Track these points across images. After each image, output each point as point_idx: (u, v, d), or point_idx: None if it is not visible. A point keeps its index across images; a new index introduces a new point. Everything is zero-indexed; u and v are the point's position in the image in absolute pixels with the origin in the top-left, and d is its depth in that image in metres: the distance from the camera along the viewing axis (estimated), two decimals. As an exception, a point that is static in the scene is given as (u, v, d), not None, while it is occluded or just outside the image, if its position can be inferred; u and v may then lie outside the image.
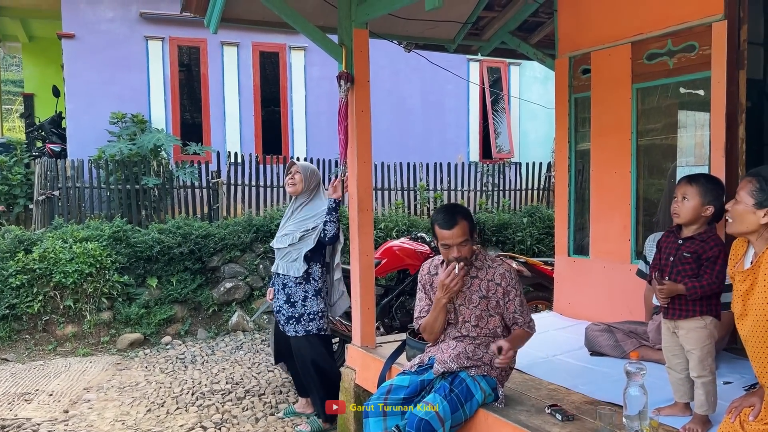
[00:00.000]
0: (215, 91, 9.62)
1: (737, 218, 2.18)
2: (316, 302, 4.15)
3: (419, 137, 10.62)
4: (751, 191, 2.14)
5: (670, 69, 4.08)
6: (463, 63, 10.70)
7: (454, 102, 11.09)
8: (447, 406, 2.74)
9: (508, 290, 2.93)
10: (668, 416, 2.69)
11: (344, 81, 3.76)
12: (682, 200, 2.66)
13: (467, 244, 2.85)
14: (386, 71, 10.05)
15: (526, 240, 8.54)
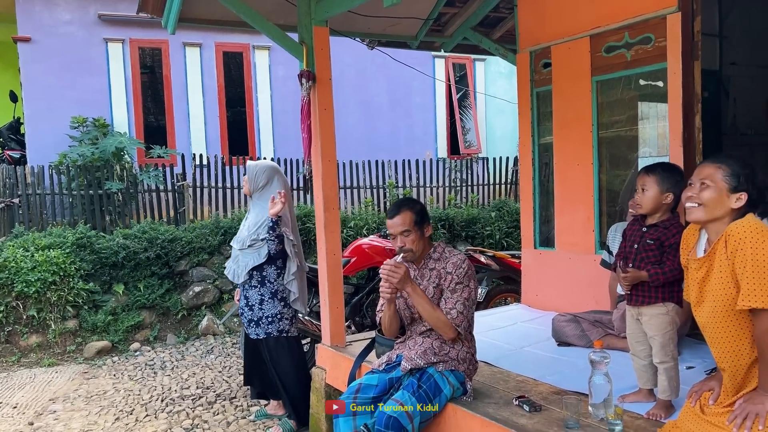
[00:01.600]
0: (179, 92, 9.48)
1: (710, 203, 2.14)
2: (272, 305, 4.05)
3: (387, 135, 10.63)
4: (724, 177, 2.13)
5: (628, 61, 4.15)
6: (428, 60, 10.73)
7: (421, 99, 11.11)
8: (415, 402, 2.74)
9: (453, 278, 2.86)
10: (633, 403, 2.73)
11: (306, 79, 3.73)
12: (642, 191, 2.71)
13: (410, 235, 2.86)
14: (352, 70, 10.03)
15: (494, 234, 8.60)
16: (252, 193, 4.16)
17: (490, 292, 5.70)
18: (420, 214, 2.91)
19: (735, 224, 2.05)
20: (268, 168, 4.14)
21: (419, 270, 2.97)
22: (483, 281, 5.73)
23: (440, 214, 8.58)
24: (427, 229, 2.93)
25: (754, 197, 2.11)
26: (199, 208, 8.12)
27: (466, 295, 2.86)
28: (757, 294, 1.95)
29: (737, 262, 2.00)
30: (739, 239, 2.00)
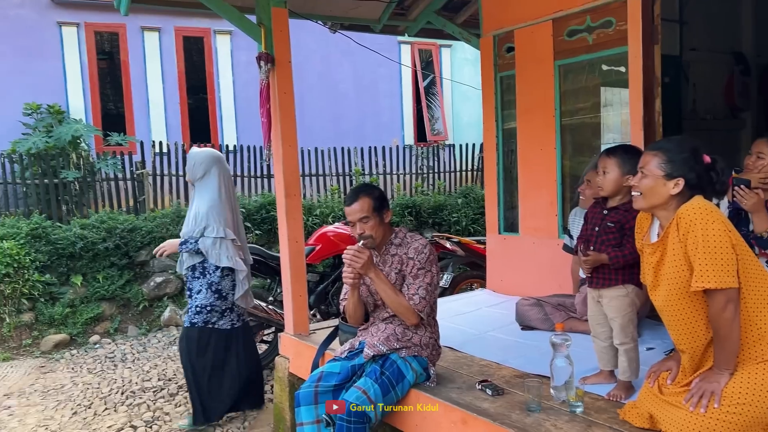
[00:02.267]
0: (137, 78, 9.23)
1: (648, 192, 2.17)
2: (205, 296, 3.91)
3: (353, 121, 10.54)
4: (659, 164, 2.14)
5: (589, 45, 4.15)
6: (394, 46, 10.66)
7: (387, 85, 11.05)
8: (378, 388, 2.71)
9: (415, 263, 2.82)
10: (594, 384, 2.74)
11: (264, 62, 3.64)
12: (603, 174, 2.71)
13: (369, 221, 2.81)
14: (316, 55, 9.91)
15: (461, 220, 8.62)
16: (193, 182, 4.04)
17: (455, 278, 5.70)
18: (379, 199, 2.86)
19: (684, 207, 2.05)
20: (206, 158, 3.98)
21: (381, 256, 2.93)
22: (449, 267, 5.73)
23: (407, 201, 8.55)
24: (386, 214, 2.89)
25: (694, 182, 2.10)
26: (159, 196, 7.93)
27: (429, 280, 2.82)
28: (710, 274, 1.96)
29: (689, 244, 2.01)
30: (690, 221, 2.00)
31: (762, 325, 2.02)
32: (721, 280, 1.95)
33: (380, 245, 2.92)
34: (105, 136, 8.51)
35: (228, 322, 4.04)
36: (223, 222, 3.89)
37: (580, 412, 2.45)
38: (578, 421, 2.39)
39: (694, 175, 2.10)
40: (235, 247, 3.96)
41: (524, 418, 2.44)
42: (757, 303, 2.03)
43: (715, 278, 1.95)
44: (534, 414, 2.47)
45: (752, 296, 2.03)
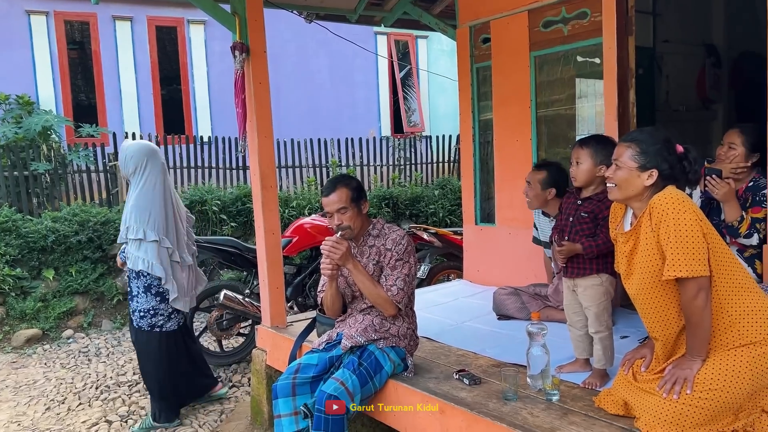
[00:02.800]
0: (109, 68, 9.06)
1: (623, 184, 2.19)
2: (145, 299, 3.76)
3: (330, 113, 10.49)
4: (633, 156, 2.16)
5: (565, 36, 4.17)
6: (370, 36, 10.62)
7: (364, 76, 11.00)
8: (356, 380, 2.70)
9: (393, 254, 2.83)
10: (570, 373, 2.78)
11: (239, 52, 3.59)
12: (576, 165, 2.73)
13: (347, 212, 2.81)
14: (292, 45, 9.82)
15: (438, 212, 8.64)
16: (126, 178, 3.85)
17: (433, 269, 5.72)
18: (356, 190, 2.85)
19: (657, 197, 2.08)
20: (137, 153, 3.75)
21: (358, 247, 2.92)
22: (426, 258, 5.74)
23: (384, 192, 8.54)
24: (363, 205, 2.88)
25: (667, 172, 2.13)
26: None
27: (407, 271, 2.83)
28: (681, 263, 1.98)
29: (661, 234, 2.04)
30: (662, 211, 2.03)
31: (733, 312, 2.06)
32: (692, 268, 1.97)
33: (358, 236, 2.91)
34: (76, 128, 8.34)
35: (175, 323, 3.92)
36: (146, 222, 3.67)
37: (556, 400, 2.48)
38: (554, 409, 2.41)
39: (668, 166, 2.12)
40: (160, 250, 3.71)
41: (501, 407, 2.46)
42: (728, 290, 2.07)
43: (687, 267, 1.97)
44: (511, 403, 2.49)
45: (723, 284, 2.07)
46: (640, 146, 2.16)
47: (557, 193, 3.50)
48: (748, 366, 2.02)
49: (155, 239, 3.68)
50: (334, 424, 2.61)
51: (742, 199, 3.15)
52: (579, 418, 2.33)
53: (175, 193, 3.94)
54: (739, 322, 2.05)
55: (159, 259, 3.70)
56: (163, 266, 3.71)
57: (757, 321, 2.04)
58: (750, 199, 3.12)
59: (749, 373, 2.02)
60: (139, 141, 3.98)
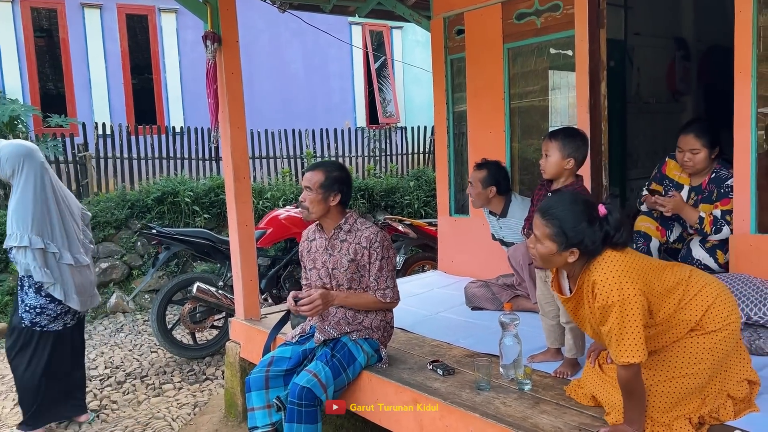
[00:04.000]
0: (78, 57, 8.87)
1: (544, 260, 2.14)
2: (35, 297, 3.56)
3: (304, 103, 10.42)
4: (551, 236, 2.07)
5: (538, 28, 4.20)
6: (345, 27, 10.55)
7: (338, 67, 10.94)
8: (329, 371, 2.71)
9: (371, 253, 2.84)
10: (542, 362, 2.81)
11: (211, 41, 3.54)
12: (545, 157, 2.76)
13: (311, 194, 2.82)
14: (265, 35, 9.72)
15: (413, 203, 8.66)
16: (5, 181, 3.63)
17: (407, 260, 5.74)
18: (332, 179, 2.83)
19: (602, 281, 2.00)
20: (12, 155, 3.50)
21: (330, 241, 2.91)
22: (401, 249, 5.76)
23: (360, 184, 8.52)
24: (332, 197, 2.85)
25: (589, 248, 2.05)
26: (103, 180, 7.68)
27: (390, 267, 2.87)
28: (624, 353, 1.96)
29: (605, 324, 2.01)
30: (606, 302, 1.98)
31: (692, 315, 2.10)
32: (633, 356, 1.96)
33: (328, 228, 2.91)
34: (45, 118, 8.16)
35: (60, 324, 3.69)
36: (29, 228, 3.46)
37: (528, 390, 2.51)
38: (526, 398, 2.45)
39: (590, 242, 2.04)
40: (47, 255, 3.52)
41: (474, 397, 2.49)
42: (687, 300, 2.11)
43: (628, 355, 1.96)
44: (484, 392, 2.52)
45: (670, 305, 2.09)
46: (558, 226, 2.06)
47: (498, 190, 3.61)
48: (709, 351, 2.08)
49: (41, 246, 3.48)
50: (307, 416, 2.62)
51: (707, 192, 3.21)
52: (550, 407, 2.36)
53: (62, 191, 3.72)
54: (701, 320, 2.10)
55: (45, 265, 3.51)
56: (50, 271, 3.52)
57: (715, 314, 2.10)
58: (715, 191, 3.19)
59: (709, 357, 2.08)
60: (14, 141, 3.70)
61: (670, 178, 3.40)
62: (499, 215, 3.73)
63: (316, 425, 2.65)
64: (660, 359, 2.11)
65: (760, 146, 3.15)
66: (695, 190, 3.29)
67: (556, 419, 2.25)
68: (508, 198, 3.69)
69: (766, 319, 2.75)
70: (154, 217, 6.94)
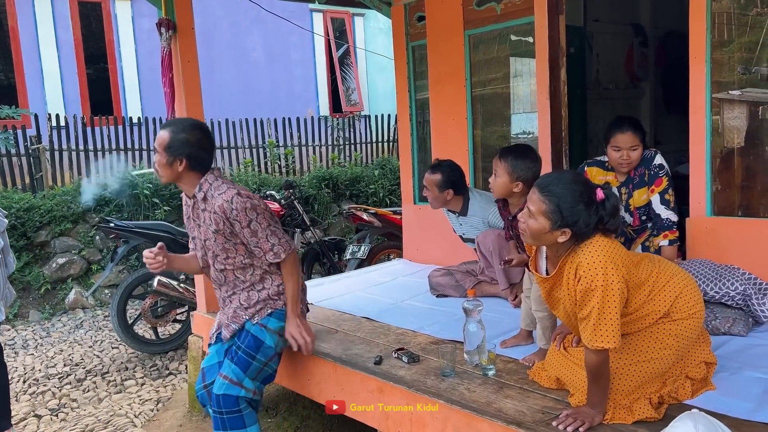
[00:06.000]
0: (29, 46, 8.56)
1: (534, 235, 2.09)
2: None
3: (266, 92, 10.27)
4: (546, 212, 2.03)
5: (498, 15, 4.20)
6: (305, 14, 10.42)
7: (300, 55, 10.81)
8: (236, 367, 2.68)
9: (233, 223, 2.63)
10: (513, 347, 2.81)
11: (165, 29, 3.44)
12: (494, 176, 2.76)
13: (157, 156, 2.65)
14: (224, 22, 9.54)
15: (378, 192, 8.64)
16: None
17: (373, 249, 5.72)
18: (178, 143, 2.61)
19: (588, 264, 1.99)
20: None
21: (194, 212, 2.77)
22: (366, 239, 5.74)
23: (324, 173, 8.47)
24: (178, 162, 2.62)
25: (582, 230, 2.02)
26: (58, 173, 7.45)
27: (265, 223, 2.66)
28: (601, 338, 1.97)
29: (584, 307, 2.01)
30: (589, 285, 1.98)
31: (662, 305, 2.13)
32: (609, 341, 1.97)
33: (188, 195, 2.76)
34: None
35: None
36: None
37: (492, 375, 2.52)
38: (490, 383, 2.46)
39: (584, 224, 2.01)
40: None
41: (439, 384, 2.49)
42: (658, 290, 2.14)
43: (604, 340, 1.97)
44: (448, 379, 2.52)
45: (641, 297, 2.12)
46: (555, 203, 2.02)
47: (456, 191, 3.60)
48: (675, 337, 2.13)
49: None
50: (231, 422, 2.62)
51: (638, 177, 3.20)
52: (514, 391, 2.38)
53: None
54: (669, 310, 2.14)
55: None
56: None
57: (682, 305, 2.14)
58: (647, 173, 3.20)
59: (675, 343, 2.13)
60: None
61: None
62: (459, 213, 3.73)
63: (247, 429, 2.65)
64: (627, 344, 2.14)
65: (714, 131, 3.21)
66: (624, 184, 3.25)
67: (520, 403, 2.26)
68: (466, 196, 3.69)
69: (721, 294, 2.83)
70: (112, 210, 6.77)
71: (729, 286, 2.83)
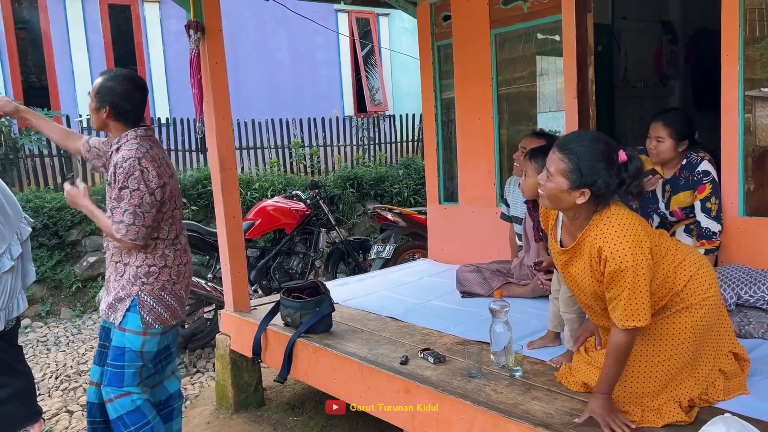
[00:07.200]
0: (61, 49, 8.74)
1: (551, 197, 2.03)
2: None
3: (291, 92, 10.33)
4: (565, 171, 1.97)
5: (525, 13, 4.17)
6: (330, 14, 10.46)
7: (325, 55, 10.85)
8: (113, 380, 2.61)
9: (117, 178, 2.49)
10: (540, 348, 2.80)
11: (194, 30, 3.48)
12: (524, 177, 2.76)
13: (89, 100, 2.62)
14: (250, 24, 9.62)
15: (403, 191, 8.64)
16: None
17: (397, 249, 5.72)
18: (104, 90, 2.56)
19: (613, 245, 1.93)
20: None
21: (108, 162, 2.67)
22: (391, 238, 5.74)
23: (348, 173, 8.49)
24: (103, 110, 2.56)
25: (602, 191, 1.96)
26: (89, 172, 7.59)
27: (135, 201, 2.47)
28: (629, 317, 1.93)
29: (613, 286, 1.96)
30: (620, 268, 1.92)
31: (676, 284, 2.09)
32: (641, 318, 1.94)
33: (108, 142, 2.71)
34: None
35: None
36: None
37: (519, 376, 2.51)
38: (517, 385, 2.45)
39: (603, 185, 1.95)
40: None
41: (465, 384, 2.48)
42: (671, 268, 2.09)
43: (635, 319, 1.94)
44: (475, 380, 2.52)
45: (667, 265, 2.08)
46: (574, 162, 1.96)
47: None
48: (691, 330, 2.08)
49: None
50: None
51: (683, 179, 3.18)
52: (541, 393, 2.36)
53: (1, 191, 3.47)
54: (682, 290, 2.09)
55: None
56: None
57: (696, 286, 2.09)
58: (690, 178, 3.16)
59: (691, 335, 2.09)
60: None
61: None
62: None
63: None
64: (645, 345, 2.11)
65: (747, 129, 3.15)
66: (669, 182, 3.25)
67: (548, 405, 2.25)
68: None
69: (756, 298, 2.77)
70: (141, 210, 6.87)
71: (765, 289, 2.77)
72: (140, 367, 2.64)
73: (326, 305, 3.30)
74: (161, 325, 2.65)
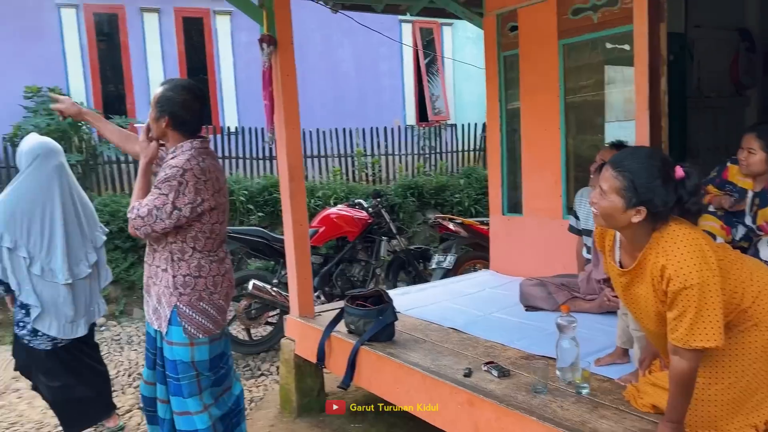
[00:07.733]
0: (137, 60, 9.16)
1: (606, 216, 1.98)
2: (17, 309, 3.39)
3: (354, 102, 10.47)
4: (619, 189, 1.92)
5: (594, 24, 4.11)
6: (395, 25, 10.55)
7: (389, 65, 10.95)
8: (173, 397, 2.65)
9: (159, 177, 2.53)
10: (607, 365, 2.75)
11: (267, 44, 3.60)
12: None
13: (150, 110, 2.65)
14: (317, 35, 9.81)
15: (464, 201, 8.60)
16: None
17: (459, 259, 5.71)
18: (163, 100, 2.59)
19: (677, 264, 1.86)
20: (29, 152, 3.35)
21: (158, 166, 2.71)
22: (452, 248, 5.74)
23: (409, 182, 8.53)
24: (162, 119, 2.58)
25: (659, 209, 1.90)
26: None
27: (159, 203, 2.46)
28: (696, 338, 1.86)
29: (677, 305, 1.89)
30: (684, 285, 1.85)
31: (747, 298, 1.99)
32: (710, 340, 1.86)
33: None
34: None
35: (44, 343, 3.40)
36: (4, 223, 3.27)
37: (586, 394, 2.47)
38: (584, 403, 2.41)
39: (661, 202, 1.89)
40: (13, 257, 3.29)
41: (530, 400, 2.46)
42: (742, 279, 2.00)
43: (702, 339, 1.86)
44: (540, 395, 2.49)
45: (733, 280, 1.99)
46: (629, 179, 1.90)
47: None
48: (762, 349, 1.99)
49: (9, 246, 3.26)
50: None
51: None
52: (610, 411, 2.32)
53: (80, 201, 3.55)
54: (750, 307, 1.99)
55: (11, 268, 3.30)
56: (15, 277, 3.30)
57: (765, 302, 1.99)
58: None
59: (763, 355, 2.00)
60: (40, 138, 3.49)
61: (733, 183, 3.29)
62: None
63: None
64: (713, 365, 2.02)
65: (833, 143, 3.01)
66: (759, 195, 3.16)
67: (616, 424, 2.20)
68: None
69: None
70: (209, 215, 7.11)
71: None
72: (195, 376, 2.64)
73: (389, 314, 3.33)
74: (205, 334, 2.64)
